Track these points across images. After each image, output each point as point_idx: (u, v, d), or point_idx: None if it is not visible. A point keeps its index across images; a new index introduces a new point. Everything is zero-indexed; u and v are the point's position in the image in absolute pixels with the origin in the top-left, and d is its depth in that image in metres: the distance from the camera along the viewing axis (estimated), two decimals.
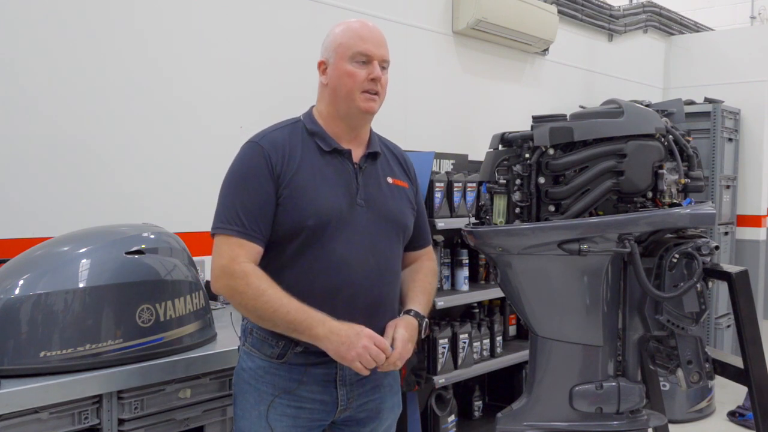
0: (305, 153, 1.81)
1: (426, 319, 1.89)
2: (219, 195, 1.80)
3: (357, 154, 1.87)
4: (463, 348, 3.16)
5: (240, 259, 1.72)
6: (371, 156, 1.90)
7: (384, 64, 1.85)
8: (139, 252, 2.05)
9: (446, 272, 3.23)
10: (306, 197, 1.76)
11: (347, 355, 1.68)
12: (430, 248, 2.10)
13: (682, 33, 6.75)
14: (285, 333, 1.72)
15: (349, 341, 1.68)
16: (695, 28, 7.03)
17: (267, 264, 1.77)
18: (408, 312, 1.88)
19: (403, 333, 1.78)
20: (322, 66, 1.86)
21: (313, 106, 1.94)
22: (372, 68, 1.81)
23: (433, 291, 2.03)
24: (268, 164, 1.77)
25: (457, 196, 3.14)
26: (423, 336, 1.89)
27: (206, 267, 2.83)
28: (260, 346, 1.81)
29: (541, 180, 1.73)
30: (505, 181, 1.80)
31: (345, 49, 1.80)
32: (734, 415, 4.59)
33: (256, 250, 1.75)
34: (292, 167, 1.78)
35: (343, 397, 1.82)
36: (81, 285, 1.93)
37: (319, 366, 1.79)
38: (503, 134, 1.85)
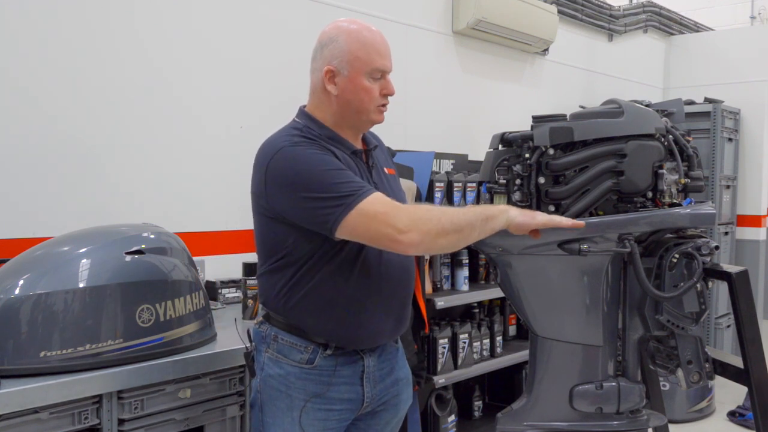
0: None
1: None
2: (307, 191, 1.65)
3: None
4: (463, 348, 3.16)
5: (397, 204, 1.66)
6: (371, 150, 1.91)
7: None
8: (139, 252, 2.05)
9: (446, 272, 3.23)
10: None
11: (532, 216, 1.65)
12: None
13: (682, 33, 6.75)
14: (478, 225, 1.64)
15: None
16: (695, 28, 7.02)
17: (312, 269, 1.73)
18: None
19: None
20: (330, 74, 1.77)
21: (303, 110, 1.86)
22: (386, 83, 1.81)
23: None
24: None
25: (457, 196, 3.14)
26: None
27: (206, 267, 2.84)
28: (288, 353, 1.79)
29: (541, 180, 1.73)
30: (505, 181, 1.81)
31: (362, 65, 1.76)
32: (734, 415, 4.59)
33: None
34: None
35: (368, 394, 1.84)
36: (81, 285, 1.93)
37: (346, 366, 1.80)
38: (503, 134, 1.86)
